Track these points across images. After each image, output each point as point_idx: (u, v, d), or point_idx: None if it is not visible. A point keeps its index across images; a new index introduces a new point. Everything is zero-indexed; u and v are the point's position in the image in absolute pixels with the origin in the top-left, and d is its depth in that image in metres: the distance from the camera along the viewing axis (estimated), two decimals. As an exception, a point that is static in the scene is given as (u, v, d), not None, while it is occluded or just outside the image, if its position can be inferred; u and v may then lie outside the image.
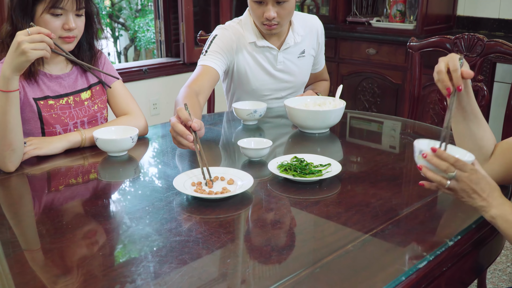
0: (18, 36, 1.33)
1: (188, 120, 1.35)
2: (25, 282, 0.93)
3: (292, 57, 2.06)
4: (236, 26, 2.02)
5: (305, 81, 2.17)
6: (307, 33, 2.09)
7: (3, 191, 1.39)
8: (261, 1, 1.87)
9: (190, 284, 0.91)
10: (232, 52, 1.98)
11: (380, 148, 1.75)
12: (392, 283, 0.91)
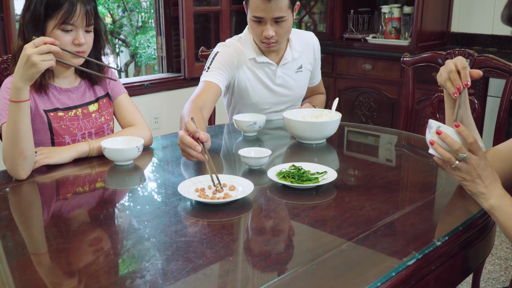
0: (26, 50, 1.41)
1: (195, 132, 1.43)
2: (33, 282, 1.00)
3: (290, 72, 2.15)
4: (236, 43, 2.11)
5: (302, 95, 2.26)
6: (304, 49, 2.18)
7: (15, 197, 1.46)
8: (260, 20, 1.96)
9: (195, 279, 0.98)
10: (233, 68, 2.06)
11: (374, 157, 1.83)
12: (383, 278, 0.98)
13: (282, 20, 1.96)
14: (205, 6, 3.99)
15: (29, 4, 1.62)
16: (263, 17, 1.95)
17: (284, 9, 1.94)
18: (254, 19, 1.98)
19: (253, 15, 1.97)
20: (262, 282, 0.97)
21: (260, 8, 1.93)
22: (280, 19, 1.95)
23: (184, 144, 1.44)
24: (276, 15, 1.94)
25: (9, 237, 1.18)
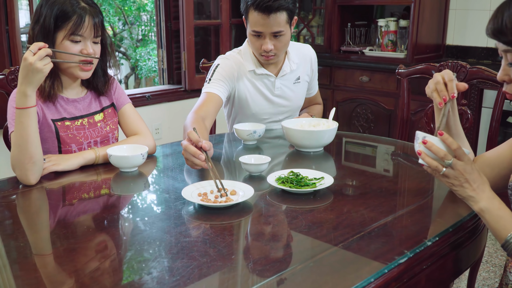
0: (28, 59, 1.48)
1: (198, 141, 1.50)
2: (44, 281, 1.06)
3: (289, 83, 2.23)
4: (236, 55, 2.19)
5: (300, 105, 2.33)
6: (301, 61, 2.26)
7: (24, 202, 1.52)
8: (259, 34, 2.04)
9: (200, 275, 1.04)
10: (233, 80, 2.14)
11: (370, 164, 1.90)
12: (376, 275, 1.04)
13: (281, 34, 2.03)
14: (206, 20, 4.07)
15: (38, 17, 1.69)
16: (262, 31, 2.02)
17: (282, 24, 2.01)
18: (253, 33, 2.06)
19: (252, 30, 2.05)
20: (262, 278, 1.03)
21: (259, 23, 2.00)
22: (279, 34, 2.03)
23: (188, 153, 1.51)
24: (275, 30, 2.01)
25: (18, 239, 1.24)
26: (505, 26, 1.15)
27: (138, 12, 7.98)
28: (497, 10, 1.18)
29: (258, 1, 1.96)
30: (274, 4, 1.96)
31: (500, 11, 1.17)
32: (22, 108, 1.52)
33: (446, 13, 3.91)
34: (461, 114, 2.22)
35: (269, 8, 1.96)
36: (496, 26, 1.17)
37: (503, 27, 1.15)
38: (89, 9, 1.69)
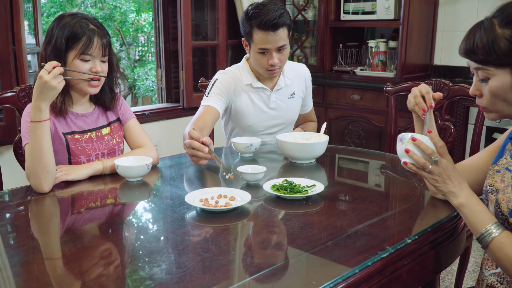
0: (43, 77, 1.61)
1: (199, 138, 1.67)
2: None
3: (284, 97, 2.38)
4: (234, 71, 2.35)
5: (294, 119, 2.48)
6: (296, 77, 2.42)
7: (37, 208, 1.64)
8: (265, 51, 2.20)
9: (203, 268, 1.16)
10: (230, 93, 2.29)
11: (359, 174, 2.03)
12: (360, 266, 1.17)
13: (284, 48, 2.23)
14: (203, 41, 4.22)
15: (50, 38, 1.83)
16: (269, 48, 2.19)
17: (285, 38, 2.20)
18: (259, 51, 2.21)
19: (259, 48, 2.20)
20: (260, 269, 1.16)
21: (266, 41, 2.17)
22: (283, 47, 2.22)
23: (193, 149, 1.68)
24: (280, 45, 2.19)
25: (30, 243, 1.37)
26: (476, 47, 1.28)
27: (136, 34, 8.17)
28: (469, 32, 1.32)
29: (263, 21, 2.14)
30: (279, 22, 2.14)
31: (472, 33, 1.31)
32: (36, 121, 1.65)
33: (433, 34, 4.08)
34: (445, 129, 2.37)
35: (274, 25, 2.14)
36: (468, 47, 1.31)
37: (474, 47, 1.29)
38: (98, 30, 1.83)
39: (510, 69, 1.23)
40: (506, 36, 1.22)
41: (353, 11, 4.05)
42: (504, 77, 1.24)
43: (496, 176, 1.37)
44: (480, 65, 1.29)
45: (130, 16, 7.91)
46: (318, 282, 1.09)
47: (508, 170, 1.33)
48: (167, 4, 3.94)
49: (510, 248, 1.21)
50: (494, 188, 1.35)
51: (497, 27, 1.24)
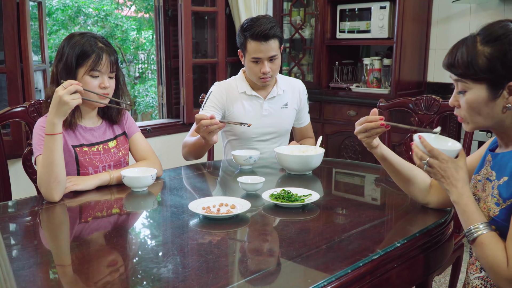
0: (58, 92, 1.73)
1: (206, 116, 1.96)
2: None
3: (276, 107, 2.53)
4: (230, 81, 2.56)
5: (287, 129, 2.60)
6: (289, 90, 2.58)
7: (48, 216, 1.74)
8: (258, 60, 2.39)
9: (207, 268, 1.26)
10: (224, 103, 2.48)
11: (353, 184, 2.13)
12: (352, 267, 1.27)
13: (275, 58, 2.41)
14: (203, 58, 4.34)
15: (61, 56, 1.94)
16: (260, 57, 2.37)
17: (276, 49, 2.38)
18: (253, 60, 2.40)
19: (252, 57, 2.39)
20: (259, 269, 1.26)
21: (258, 50, 2.36)
22: (274, 57, 2.39)
23: (204, 124, 1.96)
24: (271, 54, 2.37)
25: (39, 249, 1.46)
26: (457, 61, 1.39)
27: (136, 51, 8.31)
28: (454, 46, 1.42)
29: (256, 32, 2.34)
30: (270, 33, 2.34)
31: (455, 47, 1.42)
32: (50, 134, 1.75)
33: (426, 52, 4.21)
34: (436, 142, 2.47)
35: (266, 36, 2.33)
36: (450, 60, 1.41)
37: (455, 61, 1.39)
38: (106, 48, 1.94)
39: (486, 85, 1.34)
40: (485, 53, 1.32)
41: (348, 30, 4.18)
42: (479, 91, 1.35)
43: (478, 185, 1.47)
44: (459, 77, 1.39)
45: (131, 33, 8.06)
46: (313, 281, 1.19)
47: (488, 180, 1.43)
48: (169, 23, 4.06)
49: (492, 247, 1.30)
50: (476, 197, 1.45)
51: (479, 44, 1.35)
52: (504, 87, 1.33)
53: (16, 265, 1.28)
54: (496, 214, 1.36)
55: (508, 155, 1.39)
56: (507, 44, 1.31)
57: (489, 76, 1.33)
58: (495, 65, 1.31)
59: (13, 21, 2.98)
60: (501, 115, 1.36)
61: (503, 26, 1.35)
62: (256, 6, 4.15)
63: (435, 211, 1.66)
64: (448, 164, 1.41)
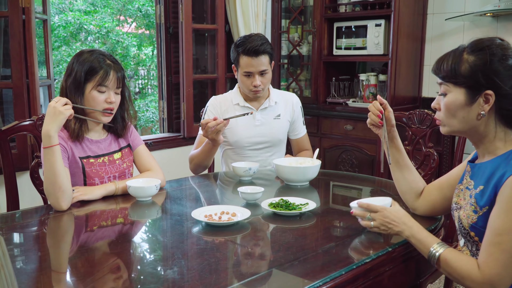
0: (51, 104, 1.86)
1: (209, 119, 2.17)
2: (96, 270, 1.36)
3: (269, 118, 2.66)
4: (226, 94, 2.74)
5: (280, 139, 2.71)
6: (282, 102, 2.72)
7: (56, 224, 1.82)
8: (249, 74, 2.55)
9: (210, 270, 1.34)
10: (219, 115, 2.62)
11: (348, 194, 2.22)
12: (346, 269, 1.35)
13: (266, 72, 2.56)
14: (203, 74, 4.44)
15: (70, 71, 2.04)
16: (252, 71, 2.53)
17: (266, 64, 2.54)
18: (245, 74, 2.57)
19: (244, 71, 2.55)
20: (259, 271, 1.34)
21: (250, 65, 2.52)
22: (264, 72, 2.55)
23: (212, 126, 2.20)
24: (262, 69, 2.53)
25: (42, 256, 1.54)
26: (444, 65, 1.49)
27: (136, 67, 8.43)
28: (443, 55, 1.52)
29: (247, 48, 2.51)
30: (260, 49, 2.50)
31: (445, 55, 1.51)
32: (48, 147, 1.84)
33: (421, 68, 4.32)
34: (428, 155, 2.57)
35: (256, 51, 2.50)
36: (438, 65, 1.52)
37: (442, 65, 1.50)
38: (114, 65, 2.04)
39: (465, 90, 1.44)
40: (469, 61, 1.43)
41: (345, 46, 4.29)
42: (458, 95, 1.45)
43: (460, 194, 1.57)
44: (442, 80, 1.49)
45: (132, 50, 8.19)
46: (309, 281, 1.27)
47: (468, 189, 1.53)
48: (170, 40, 4.17)
49: (454, 260, 1.41)
50: (458, 206, 1.55)
51: (465, 53, 1.46)
52: (481, 94, 1.43)
53: (21, 270, 1.36)
54: (475, 221, 1.44)
55: (484, 165, 1.49)
56: (489, 55, 1.41)
57: (468, 82, 1.43)
58: (476, 72, 1.42)
59: (19, 38, 3.07)
60: (475, 121, 1.46)
61: (490, 40, 1.46)
62: (255, 23, 4.27)
63: (426, 218, 1.75)
64: (387, 211, 1.55)
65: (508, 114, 1.44)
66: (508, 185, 1.34)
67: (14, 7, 3.03)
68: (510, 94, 1.41)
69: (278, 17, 4.64)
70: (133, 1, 8.17)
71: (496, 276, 1.33)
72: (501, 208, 1.35)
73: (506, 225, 1.33)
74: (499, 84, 1.40)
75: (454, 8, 4.11)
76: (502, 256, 1.33)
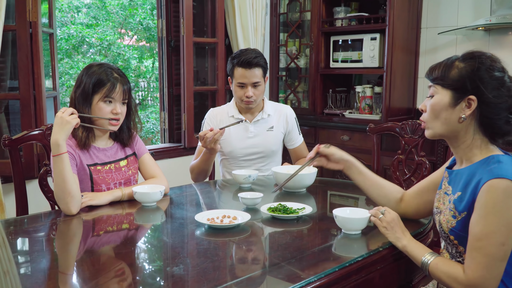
0: (58, 114, 1.98)
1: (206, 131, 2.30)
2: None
3: (262, 130, 2.79)
4: (223, 106, 2.90)
5: (273, 150, 2.83)
6: (276, 114, 2.84)
7: (65, 227, 1.92)
8: (243, 85, 2.69)
9: (213, 266, 1.44)
10: (216, 125, 2.74)
11: (343, 199, 2.33)
12: (340, 265, 1.46)
13: (258, 84, 2.70)
14: (203, 86, 4.56)
15: (79, 83, 2.15)
16: (245, 82, 2.67)
17: (259, 76, 2.68)
18: (238, 85, 2.71)
19: (238, 82, 2.70)
20: (259, 268, 1.45)
21: (243, 76, 2.67)
22: (257, 84, 2.69)
23: (207, 137, 2.37)
24: (254, 81, 2.67)
25: (51, 257, 1.64)
26: (435, 70, 1.59)
27: (137, 79, 8.55)
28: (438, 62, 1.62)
29: (241, 60, 2.66)
30: (254, 61, 2.65)
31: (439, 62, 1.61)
32: (57, 155, 1.95)
33: (415, 80, 4.44)
34: (421, 164, 2.68)
35: (250, 63, 2.65)
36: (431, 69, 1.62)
37: (434, 69, 1.60)
38: (120, 78, 2.15)
39: (451, 92, 1.54)
40: (459, 67, 1.55)
41: (341, 59, 4.42)
42: (444, 96, 1.56)
43: (441, 199, 1.67)
44: (432, 82, 1.61)
45: (132, 62, 8.32)
46: (305, 276, 1.38)
47: (447, 194, 1.63)
48: (171, 53, 4.29)
49: (443, 267, 1.52)
50: (439, 210, 1.65)
51: (457, 61, 1.57)
52: (464, 98, 1.53)
53: (33, 269, 1.47)
54: (454, 226, 1.55)
55: (462, 172, 1.59)
56: (478, 63, 1.52)
57: (455, 85, 1.54)
58: (463, 77, 1.53)
59: (27, 51, 3.18)
60: (457, 124, 1.56)
61: (481, 51, 1.57)
62: (254, 37, 4.39)
63: (415, 221, 1.85)
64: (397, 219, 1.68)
65: (487, 122, 1.54)
66: (485, 192, 1.44)
67: (22, 21, 3.14)
68: (492, 103, 1.51)
69: (277, 31, 4.77)
70: (135, 14, 8.32)
71: (480, 278, 1.44)
72: (479, 214, 1.45)
73: (485, 230, 1.43)
74: (483, 91, 1.51)
75: (447, 22, 4.25)
76: (484, 260, 1.43)
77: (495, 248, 1.42)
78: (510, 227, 1.42)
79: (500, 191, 1.42)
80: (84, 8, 8.38)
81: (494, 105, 1.51)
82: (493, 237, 1.42)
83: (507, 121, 1.53)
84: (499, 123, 1.53)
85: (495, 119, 1.53)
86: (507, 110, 1.52)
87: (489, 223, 1.43)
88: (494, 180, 1.43)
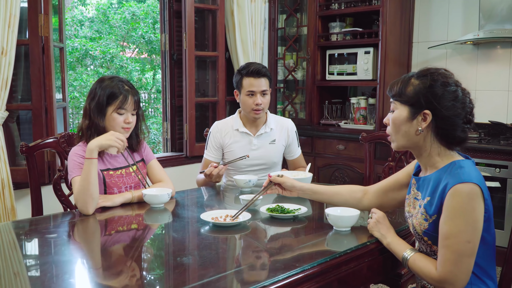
0: (115, 134, 2.20)
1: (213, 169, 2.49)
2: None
3: (264, 143, 2.95)
4: (227, 119, 3.02)
5: (274, 162, 3.00)
6: (278, 128, 3.00)
7: (82, 226, 2.10)
8: (252, 93, 2.85)
9: (218, 258, 1.63)
10: (220, 141, 2.94)
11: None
12: (330, 257, 1.63)
13: (266, 93, 2.88)
14: (205, 97, 4.73)
15: (94, 95, 2.34)
16: (254, 90, 2.84)
17: (266, 85, 2.87)
18: (247, 93, 2.86)
19: (247, 91, 2.85)
20: (259, 258, 1.63)
21: (252, 85, 2.84)
22: (265, 92, 2.87)
23: (214, 174, 2.58)
24: (263, 89, 2.85)
25: (75, 254, 1.83)
26: (394, 88, 1.73)
27: (138, 90, 8.74)
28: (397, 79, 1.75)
29: (250, 70, 2.84)
30: (262, 70, 2.85)
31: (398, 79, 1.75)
32: (89, 158, 2.14)
33: (407, 92, 4.62)
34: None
35: (258, 72, 2.84)
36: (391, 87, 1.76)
37: (393, 86, 1.75)
38: (131, 90, 2.34)
39: (408, 108, 1.69)
40: (414, 84, 1.69)
41: (337, 72, 4.61)
42: (402, 111, 1.71)
43: (411, 204, 1.83)
44: (392, 99, 1.76)
45: (134, 74, 8.52)
46: (299, 264, 1.56)
47: (416, 199, 1.80)
48: (174, 65, 4.48)
49: (420, 263, 1.68)
50: (410, 214, 1.82)
51: (413, 78, 1.71)
52: (420, 112, 1.68)
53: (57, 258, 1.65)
54: (427, 228, 1.71)
55: (428, 178, 1.74)
56: (430, 80, 1.67)
57: (411, 101, 1.68)
58: (418, 94, 1.67)
59: (39, 64, 3.36)
60: (415, 136, 1.71)
61: (435, 69, 1.71)
62: (253, 51, 4.58)
63: (398, 222, 2.03)
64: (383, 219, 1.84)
65: (442, 133, 1.68)
66: (451, 195, 1.59)
67: (34, 36, 3.32)
68: (446, 116, 1.66)
69: (275, 45, 4.96)
70: (137, 28, 8.54)
71: (449, 273, 1.60)
72: (447, 216, 1.60)
73: (452, 230, 1.59)
74: (436, 106, 1.65)
75: (437, 37, 4.45)
76: (452, 256, 1.59)
77: (462, 246, 1.58)
78: (475, 226, 1.58)
79: (465, 195, 1.57)
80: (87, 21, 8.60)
81: (447, 118, 1.65)
82: (460, 235, 1.58)
83: (463, 130, 1.68)
84: (455, 133, 1.67)
85: (450, 129, 1.67)
86: (462, 121, 1.67)
87: (456, 223, 1.58)
88: (458, 185, 1.58)
